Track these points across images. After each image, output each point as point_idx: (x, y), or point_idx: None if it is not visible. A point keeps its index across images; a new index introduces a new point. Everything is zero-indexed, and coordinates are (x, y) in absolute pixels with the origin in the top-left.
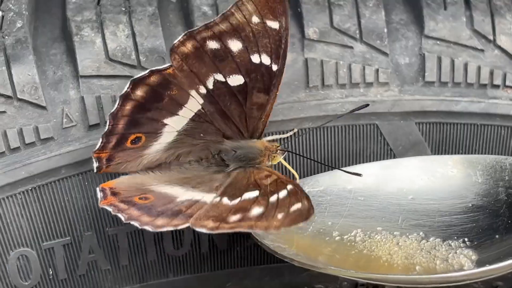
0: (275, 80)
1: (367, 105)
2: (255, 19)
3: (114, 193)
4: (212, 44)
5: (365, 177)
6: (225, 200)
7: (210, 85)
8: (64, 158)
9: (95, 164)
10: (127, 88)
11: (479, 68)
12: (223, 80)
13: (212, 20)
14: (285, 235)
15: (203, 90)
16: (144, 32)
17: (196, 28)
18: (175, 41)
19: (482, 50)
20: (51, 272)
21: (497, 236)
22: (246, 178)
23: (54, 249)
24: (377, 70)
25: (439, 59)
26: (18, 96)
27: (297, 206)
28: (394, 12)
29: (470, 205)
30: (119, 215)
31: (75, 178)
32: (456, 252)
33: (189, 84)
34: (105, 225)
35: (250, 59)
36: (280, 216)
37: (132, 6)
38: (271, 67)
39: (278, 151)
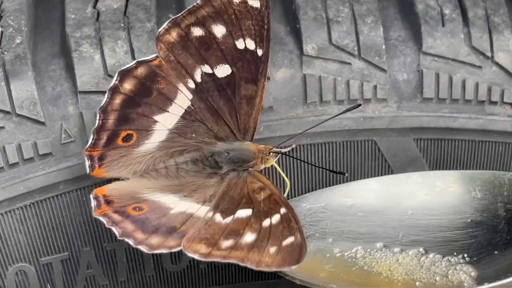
0: (262, 68)
1: (360, 105)
2: None
3: (108, 202)
4: (197, 31)
5: (365, 192)
6: (218, 217)
7: (198, 77)
8: (63, 174)
9: (87, 163)
10: (115, 80)
11: (477, 85)
12: (211, 71)
13: (195, 4)
14: None
15: (191, 84)
16: (142, 48)
17: (179, 14)
18: (160, 29)
19: (480, 67)
20: None
21: (496, 252)
22: (240, 188)
23: (52, 265)
24: (375, 87)
25: (437, 76)
26: (17, 112)
27: (290, 240)
28: (392, 28)
29: (469, 220)
30: (113, 229)
31: (73, 194)
32: (455, 268)
33: (176, 76)
34: (103, 241)
35: (235, 45)
36: (272, 250)
37: (131, 22)
38: (256, 52)
39: (271, 153)
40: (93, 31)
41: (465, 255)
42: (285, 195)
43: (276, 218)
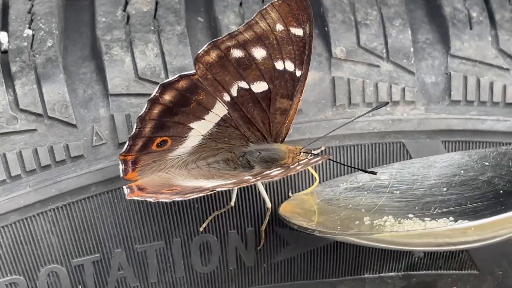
0: (299, 86)
1: (387, 103)
2: (279, 27)
3: (141, 189)
4: (236, 53)
5: (403, 173)
6: None
7: (234, 92)
8: (94, 176)
9: (121, 167)
10: (156, 92)
11: (504, 87)
12: (247, 87)
13: (237, 29)
14: (314, 216)
15: (227, 97)
16: (173, 51)
17: (220, 37)
18: (200, 51)
19: (507, 69)
20: None
21: None
22: None
23: (84, 266)
24: (403, 89)
25: (465, 78)
26: (49, 114)
27: None
28: (420, 31)
29: (501, 192)
30: (146, 198)
31: (104, 196)
32: None
33: (213, 90)
34: (134, 242)
35: (274, 66)
36: None
37: (161, 25)
38: (295, 73)
39: (301, 153)
40: (123, 34)
41: (493, 217)
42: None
43: None
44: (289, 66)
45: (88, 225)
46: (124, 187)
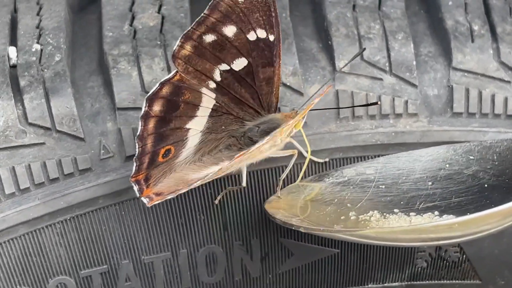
0: (275, 50)
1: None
2: None
3: (158, 194)
4: (209, 38)
5: (388, 168)
6: None
7: (217, 77)
8: (102, 188)
9: (136, 188)
10: (144, 107)
11: (506, 99)
12: (228, 68)
13: (202, 14)
14: (299, 211)
15: (212, 84)
16: None
17: (189, 28)
18: (174, 47)
19: (509, 82)
20: None
21: None
22: None
23: (92, 277)
24: (406, 102)
25: (467, 91)
26: (57, 128)
27: None
28: (422, 44)
29: (486, 186)
30: (168, 197)
31: (112, 208)
32: None
33: (198, 83)
34: (141, 254)
35: (247, 38)
36: None
37: (167, 40)
38: (268, 38)
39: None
40: (130, 49)
41: (478, 213)
42: (308, 159)
43: None
44: (261, 33)
45: (96, 237)
46: (142, 198)
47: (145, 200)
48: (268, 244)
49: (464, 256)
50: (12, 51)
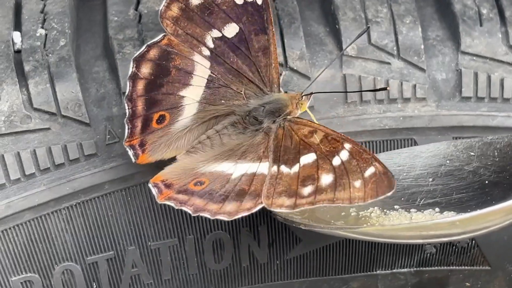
0: (266, 15)
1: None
2: None
3: (167, 185)
4: (195, 0)
5: (389, 163)
6: (284, 169)
7: (210, 43)
8: (108, 174)
9: (130, 152)
10: (132, 68)
11: None
12: (220, 34)
13: None
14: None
15: (206, 51)
16: None
17: None
18: (160, 7)
19: None
20: (95, 286)
21: None
22: (290, 137)
23: (98, 264)
24: (414, 86)
25: (476, 75)
26: (62, 113)
27: (371, 170)
28: (430, 28)
29: (487, 182)
30: (184, 208)
31: (118, 194)
32: None
33: (189, 49)
34: (147, 240)
35: (234, 1)
36: (358, 184)
37: None
38: (256, 1)
39: (304, 97)
40: (135, 33)
41: (479, 210)
42: None
43: (344, 154)
44: None
45: (102, 223)
46: (151, 186)
47: (153, 191)
48: (275, 230)
49: (473, 242)
50: (16, 36)
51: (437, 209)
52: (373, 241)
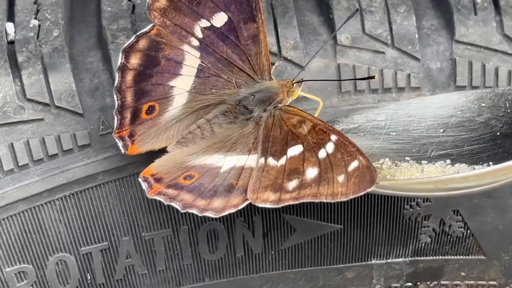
0: (254, 2)
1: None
2: None
3: (157, 179)
4: None
5: (398, 114)
6: (271, 161)
7: (199, 33)
8: (101, 164)
9: (120, 144)
10: (121, 59)
11: (509, 72)
12: (209, 24)
13: None
14: None
15: (195, 42)
16: None
17: None
18: (148, 0)
19: None
20: (89, 277)
21: None
22: (279, 127)
23: (92, 254)
24: (408, 75)
25: (470, 64)
26: (56, 104)
27: (354, 164)
28: (425, 18)
29: (498, 134)
30: (173, 204)
31: (112, 184)
32: None
33: (178, 39)
34: (141, 230)
35: None
36: (341, 179)
37: None
38: None
39: (294, 84)
40: (129, 24)
41: (491, 163)
42: (317, 114)
43: (330, 147)
44: None
45: (96, 214)
46: (141, 180)
47: (143, 185)
48: (270, 220)
49: (469, 231)
50: (9, 26)
51: (448, 161)
52: (383, 194)
